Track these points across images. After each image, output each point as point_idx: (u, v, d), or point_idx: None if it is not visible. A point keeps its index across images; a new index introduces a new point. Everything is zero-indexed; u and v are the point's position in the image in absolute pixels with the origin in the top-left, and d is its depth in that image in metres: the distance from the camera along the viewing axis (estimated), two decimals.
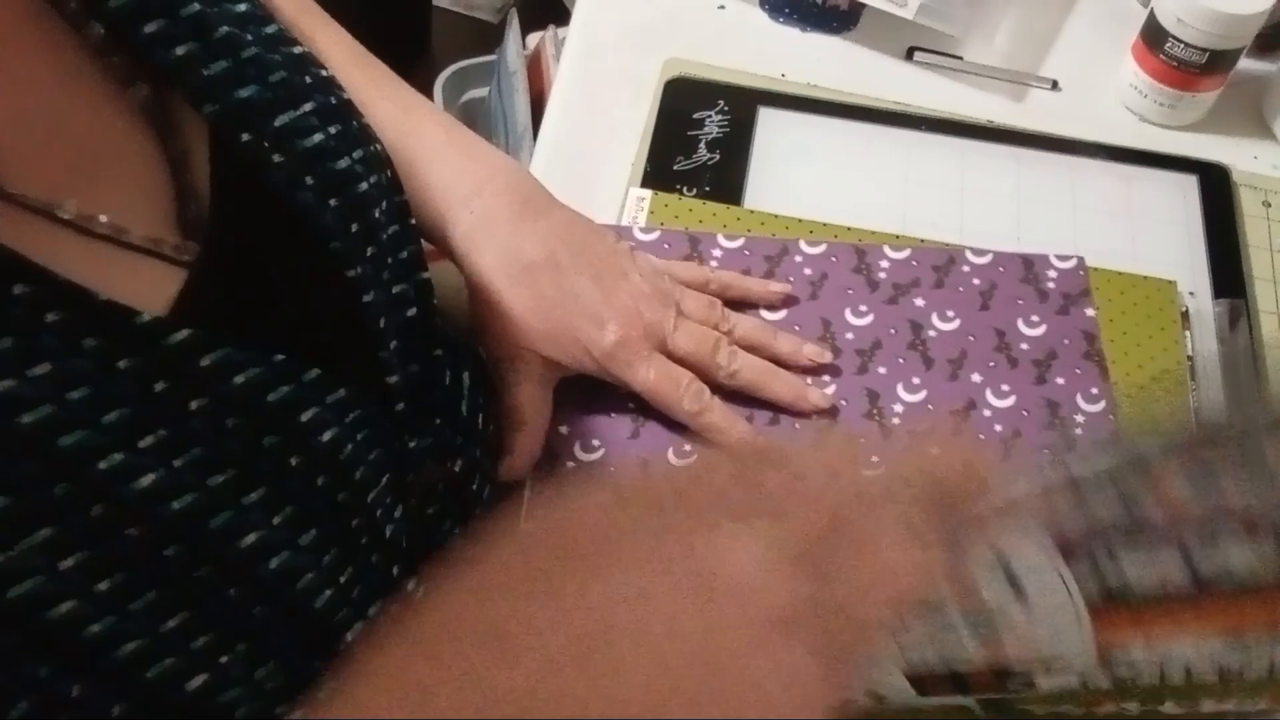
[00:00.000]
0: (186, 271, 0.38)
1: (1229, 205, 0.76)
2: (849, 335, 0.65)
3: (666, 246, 0.69)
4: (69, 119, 0.38)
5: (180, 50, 0.40)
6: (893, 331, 0.65)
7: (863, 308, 0.66)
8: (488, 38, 1.60)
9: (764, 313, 0.66)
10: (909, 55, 0.76)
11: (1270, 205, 0.76)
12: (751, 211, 0.72)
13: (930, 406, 0.62)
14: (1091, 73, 0.83)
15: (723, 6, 0.80)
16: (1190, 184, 0.77)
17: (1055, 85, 0.81)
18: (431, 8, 1.67)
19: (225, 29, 0.42)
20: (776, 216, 0.72)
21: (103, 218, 0.37)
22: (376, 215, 0.45)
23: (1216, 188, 0.77)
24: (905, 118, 0.79)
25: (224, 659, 0.36)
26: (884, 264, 0.68)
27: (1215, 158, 0.78)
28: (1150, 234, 0.74)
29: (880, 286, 0.67)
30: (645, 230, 0.69)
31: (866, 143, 0.77)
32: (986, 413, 0.61)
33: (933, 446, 0.32)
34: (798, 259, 0.68)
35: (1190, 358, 0.66)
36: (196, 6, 0.41)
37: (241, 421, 0.37)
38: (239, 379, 0.37)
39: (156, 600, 0.35)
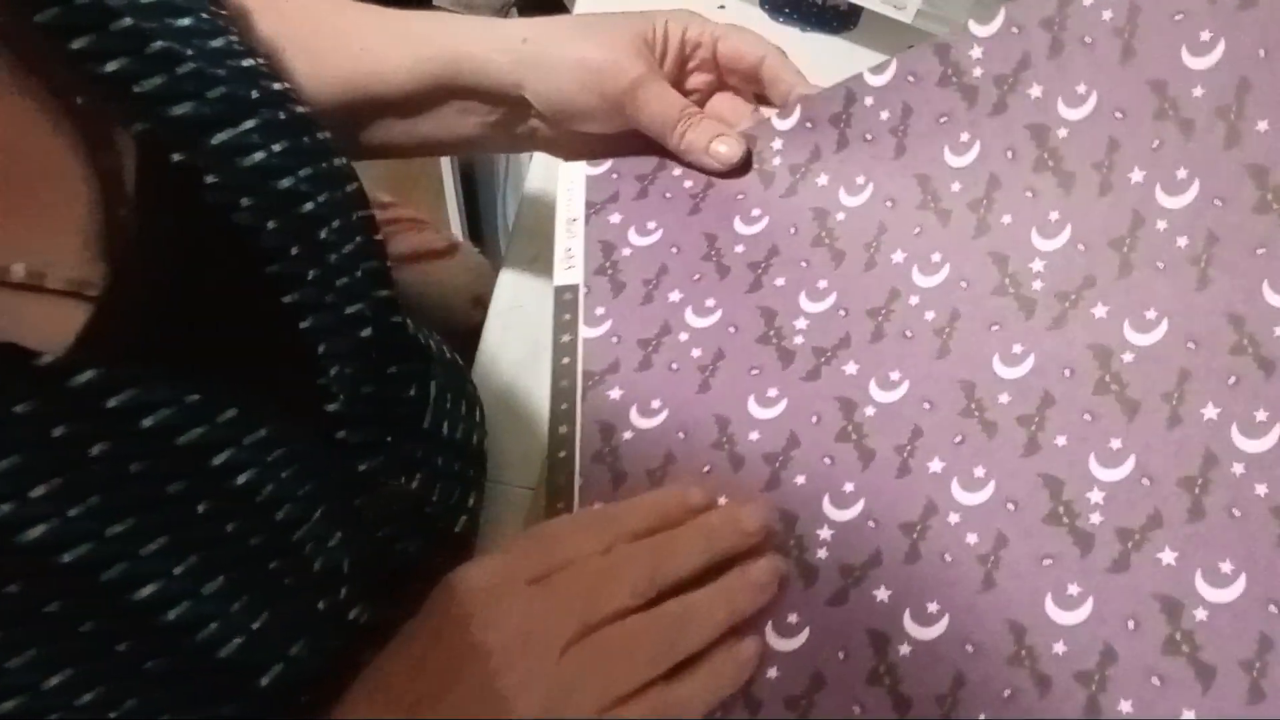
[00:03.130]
0: (94, 307, 0.37)
1: None
2: (739, 249, 0.52)
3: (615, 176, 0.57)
4: None
5: (111, 66, 0.39)
6: (793, 230, 0.52)
7: (755, 211, 0.53)
8: None
9: (633, 235, 0.54)
10: None
11: None
12: None
13: (843, 312, 0.49)
14: None
15: (723, 6, 0.76)
16: None
17: None
18: (431, 7, 1.62)
19: (160, 44, 0.40)
20: None
21: (17, 267, 0.36)
22: (324, 235, 0.43)
23: None
24: None
25: (112, 715, 0.35)
26: (776, 144, 0.54)
27: None
28: None
29: (775, 176, 0.53)
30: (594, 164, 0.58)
31: None
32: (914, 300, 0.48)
33: None
34: (675, 172, 0.56)
35: None
36: (129, 21, 0.40)
37: (147, 466, 0.36)
38: (148, 421, 0.36)
39: (38, 656, 0.33)
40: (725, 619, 0.42)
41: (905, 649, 0.42)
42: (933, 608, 0.43)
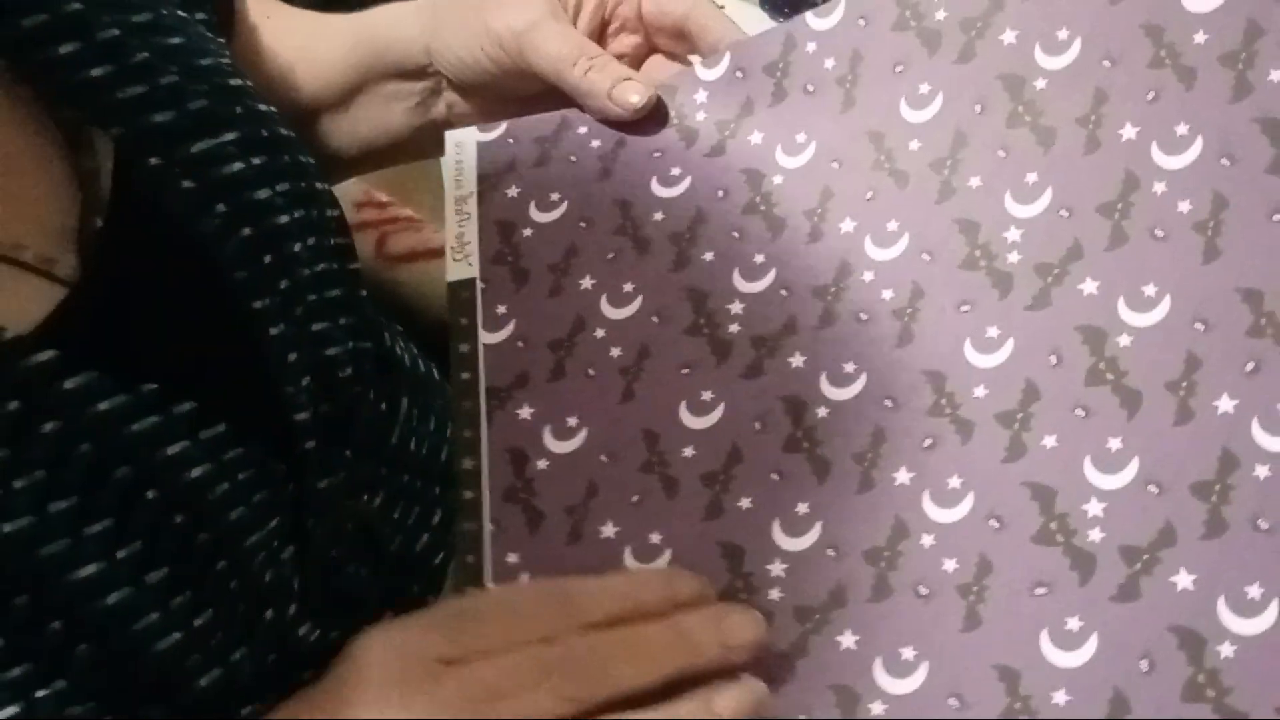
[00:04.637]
0: (67, 291, 0.38)
1: None
2: (658, 216, 0.45)
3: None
4: None
5: (95, 72, 0.41)
6: (720, 194, 0.44)
7: (675, 170, 0.45)
8: None
9: (535, 212, 0.47)
10: None
11: None
12: None
13: (784, 291, 0.42)
14: None
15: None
16: None
17: None
18: None
19: (144, 55, 0.42)
20: None
21: None
22: (297, 249, 0.44)
23: None
24: None
25: (39, 693, 0.35)
26: (700, 96, 0.46)
27: None
28: None
29: (699, 133, 0.46)
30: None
31: None
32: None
33: None
34: (581, 130, 0.48)
35: None
36: (115, 32, 0.42)
37: (97, 449, 0.36)
38: (102, 405, 0.36)
39: None
40: None
41: (879, 708, 0.35)
42: (908, 655, 0.36)
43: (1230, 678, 0.32)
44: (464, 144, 0.49)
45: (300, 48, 0.56)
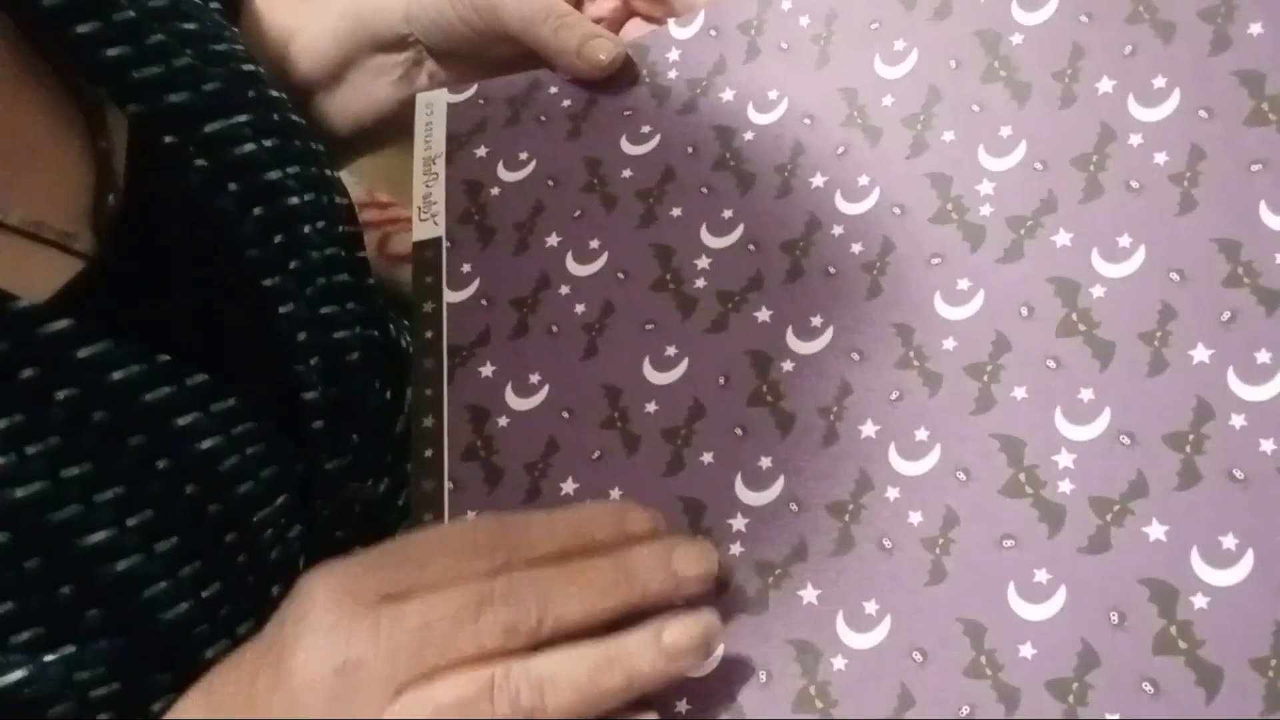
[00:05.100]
0: (84, 264, 0.39)
1: None
2: (626, 173, 0.44)
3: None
4: None
5: (112, 52, 0.42)
6: (690, 150, 0.43)
7: (645, 128, 0.44)
8: None
9: (502, 171, 0.46)
10: None
11: None
12: None
13: (752, 246, 0.41)
14: None
15: None
16: None
17: None
18: None
19: (160, 37, 0.43)
20: None
21: (15, 211, 0.38)
22: (307, 231, 0.45)
23: None
24: None
25: (48, 657, 0.35)
26: (673, 54, 0.45)
27: None
28: None
29: (670, 90, 0.45)
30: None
31: None
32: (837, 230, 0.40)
33: None
34: (552, 90, 0.47)
35: None
36: (132, 13, 0.43)
37: (110, 417, 0.37)
38: (116, 375, 0.37)
39: None
40: (620, 689, 0.32)
41: (840, 662, 0.33)
42: (871, 609, 0.34)
43: (1203, 630, 0.31)
44: (434, 105, 0.48)
45: (296, 28, 0.56)
